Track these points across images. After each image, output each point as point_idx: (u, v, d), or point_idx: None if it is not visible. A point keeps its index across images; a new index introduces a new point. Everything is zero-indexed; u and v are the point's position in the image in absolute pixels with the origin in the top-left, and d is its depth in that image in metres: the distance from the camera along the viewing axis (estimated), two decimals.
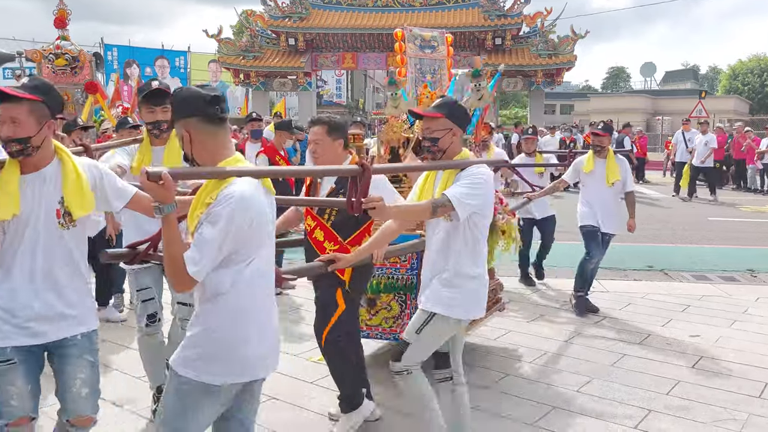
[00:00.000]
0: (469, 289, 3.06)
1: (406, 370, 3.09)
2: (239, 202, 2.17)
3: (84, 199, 2.55)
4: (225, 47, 27.23)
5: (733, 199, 16.05)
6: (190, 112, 2.26)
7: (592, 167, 6.03)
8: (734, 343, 5.22)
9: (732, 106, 44.57)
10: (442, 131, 3.04)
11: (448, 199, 2.90)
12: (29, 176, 2.48)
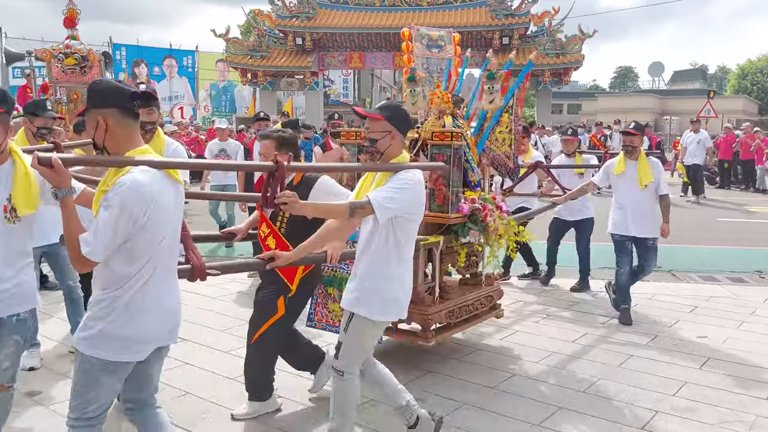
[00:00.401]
0: (384, 290, 3.09)
1: (342, 372, 3.16)
2: (131, 189, 2.30)
3: (30, 198, 2.72)
4: (233, 47, 27.30)
5: (741, 199, 15.98)
6: (111, 103, 2.41)
7: (623, 169, 5.76)
8: (742, 344, 5.20)
9: (741, 106, 44.35)
10: (381, 133, 3.11)
11: (368, 201, 2.94)
12: None
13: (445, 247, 4.56)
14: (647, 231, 5.76)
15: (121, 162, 2.39)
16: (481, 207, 4.57)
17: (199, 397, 4.06)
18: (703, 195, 15.59)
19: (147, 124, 3.84)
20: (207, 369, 4.52)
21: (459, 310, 4.68)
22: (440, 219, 4.45)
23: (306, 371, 4.14)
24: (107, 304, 2.44)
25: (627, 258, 5.84)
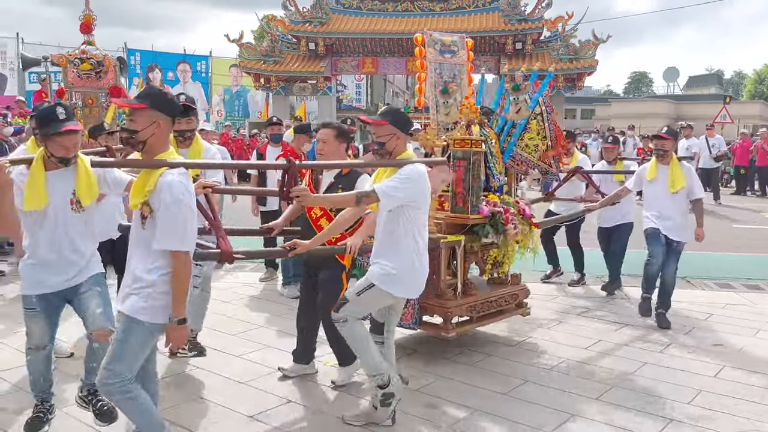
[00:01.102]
0: (404, 270, 3.53)
1: (343, 319, 3.59)
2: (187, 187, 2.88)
3: (91, 191, 3.37)
4: (246, 52, 27.44)
5: (757, 206, 15.80)
6: (170, 111, 2.92)
7: (655, 174, 5.77)
8: (758, 352, 5.13)
9: (757, 111, 43.90)
10: (388, 136, 3.59)
11: (374, 190, 3.38)
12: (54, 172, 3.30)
13: (469, 246, 4.84)
14: (679, 235, 5.80)
15: (156, 164, 2.85)
16: (502, 210, 4.81)
17: (211, 402, 4.06)
18: (719, 201, 15.47)
19: (186, 132, 4.49)
20: (218, 373, 4.53)
21: (481, 305, 4.96)
22: (460, 219, 4.77)
23: (337, 357, 4.42)
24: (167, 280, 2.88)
25: (660, 248, 5.76)
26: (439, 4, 27.91)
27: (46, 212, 3.30)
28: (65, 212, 3.34)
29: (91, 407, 3.60)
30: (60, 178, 3.31)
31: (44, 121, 3.23)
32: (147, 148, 2.90)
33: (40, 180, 3.26)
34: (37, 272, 3.40)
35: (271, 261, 7.45)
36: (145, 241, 2.92)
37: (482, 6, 27.67)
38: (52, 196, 3.28)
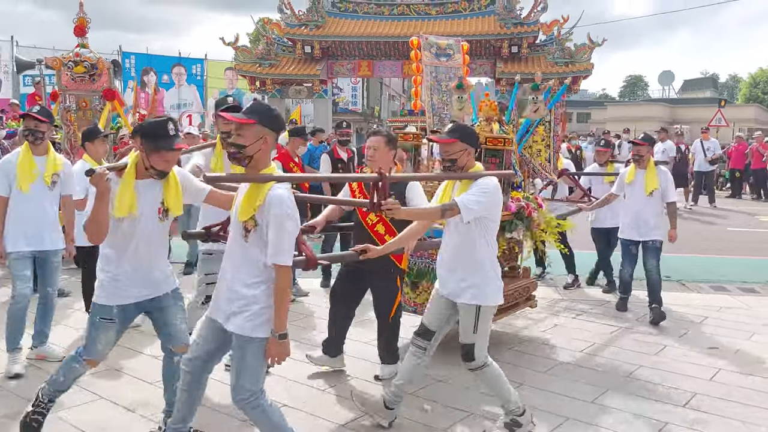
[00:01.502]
0: (490, 278, 3.60)
1: (482, 364, 3.62)
2: (291, 201, 2.90)
3: (178, 202, 3.38)
4: (241, 55, 27.41)
5: (752, 209, 15.84)
6: (277, 127, 2.98)
7: (633, 177, 6.16)
8: (753, 355, 5.12)
9: (752, 115, 44.10)
10: (459, 152, 3.61)
11: (456, 203, 3.45)
12: (143, 181, 3.27)
13: None
14: (651, 234, 6.12)
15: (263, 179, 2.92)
16: (525, 205, 5.08)
17: (204, 406, 4.02)
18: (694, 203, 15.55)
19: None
20: (212, 377, 4.46)
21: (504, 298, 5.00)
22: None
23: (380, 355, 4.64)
24: (270, 293, 2.91)
25: (630, 260, 6.29)
26: (435, 7, 27.95)
27: (134, 221, 3.26)
28: (153, 221, 3.32)
29: None
30: (149, 188, 3.28)
31: (154, 134, 3.21)
32: (253, 163, 2.93)
33: (131, 187, 3.24)
34: (120, 282, 3.33)
35: None
36: (245, 255, 2.94)
37: (478, 10, 27.72)
38: (142, 205, 3.26)
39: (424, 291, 5.05)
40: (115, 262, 3.33)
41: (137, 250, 3.32)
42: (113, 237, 3.28)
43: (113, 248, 3.32)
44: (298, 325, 5.80)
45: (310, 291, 6.94)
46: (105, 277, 3.35)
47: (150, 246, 3.35)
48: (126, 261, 3.32)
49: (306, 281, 7.28)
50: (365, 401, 4.11)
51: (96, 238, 3.24)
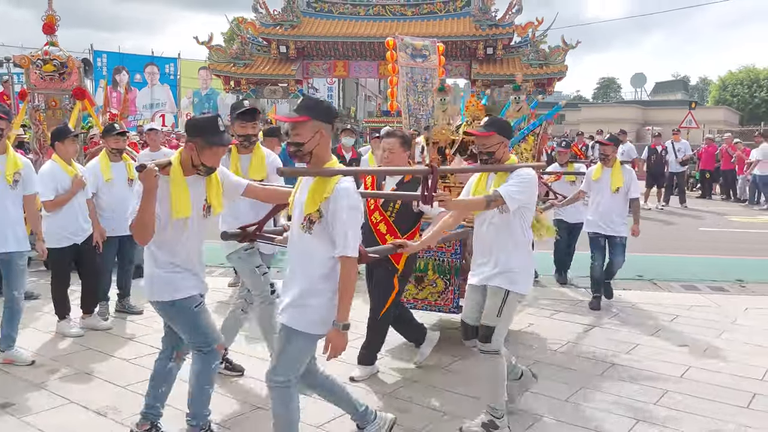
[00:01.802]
0: (525, 267, 3.75)
1: (496, 350, 3.65)
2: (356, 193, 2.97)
3: (220, 200, 3.41)
4: (215, 54, 27.17)
5: (722, 209, 16.13)
6: (330, 118, 3.01)
7: (599, 175, 6.52)
8: (723, 353, 5.21)
9: (722, 117, 44.93)
10: (496, 145, 3.72)
11: (500, 194, 3.58)
12: (189, 179, 3.28)
13: None
14: (617, 230, 6.49)
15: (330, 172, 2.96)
16: None
17: (176, 409, 3.97)
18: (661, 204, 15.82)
19: (251, 136, 4.41)
20: (182, 380, 4.43)
21: None
22: None
23: (412, 342, 4.92)
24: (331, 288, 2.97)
25: (600, 253, 6.60)
26: (411, 8, 28.01)
27: (186, 219, 3.28)
28: (198, 219, 3.35)
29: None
30: (194, 185, 3.29)
31: (205, 131, 3.22)
32: (314, 159, 2.97)
33: (185, 186, 3.24)
34: (185, 276, 3.37)
35: None
36: (307, 248, 3.00)
37: (453, 11, 27.85)
38: (192, 203, 3.28)
39: (428, 286, 5.16)
40: (166, 260, 3.33)
41: (185, 248, 3.35)
42: (162, 235, 3.25)
43: (162, 248, 3.31)
44: None
45: None
46: (164, 273, 3.34)
47: (196, 244, 3.41)
48: (178, 259, 3.34)
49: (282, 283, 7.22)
50: None
51: (143, 239, 3.19)
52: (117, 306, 6.12)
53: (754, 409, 4.11)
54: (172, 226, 3.26)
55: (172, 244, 3.32)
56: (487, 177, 3.85)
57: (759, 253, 9.97)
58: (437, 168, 3.39)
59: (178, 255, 3.34)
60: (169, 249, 3.32)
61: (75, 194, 5.40)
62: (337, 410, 3.80)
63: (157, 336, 5.30)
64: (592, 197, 6.62)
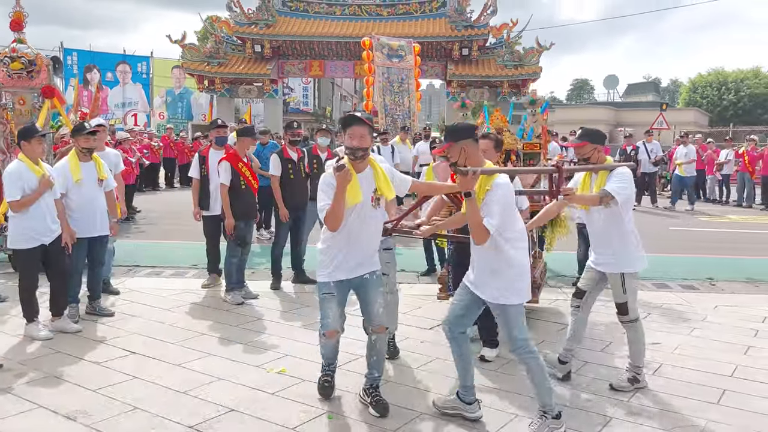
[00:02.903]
0: (631, 250, 4.45)
1: (636, 319, 4.52)
2: (509, 186, 3.72)
3: (390, 188, 3.98)
4: (189, 53, 26.91)
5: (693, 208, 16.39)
6: (466, 136, 3.75)
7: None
8: (693, 350, 5.29)
9: (692, 118, 45.68)
10: (590, 152, 4.46)
11: (608, 192, 4.23)
12: (359, 175, 3.87)
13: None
14: None
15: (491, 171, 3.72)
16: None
17: (148, 412, 3.91)
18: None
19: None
20: (156, 383, 4.37)
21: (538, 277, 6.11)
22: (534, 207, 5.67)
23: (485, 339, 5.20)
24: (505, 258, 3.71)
25: (585, 241, 6.96)
26: (387, 8, 28.05)
27: (355, 207, 3.83)
28: (367, 208, 3.90)
29: (369, 398, 4.01)
30: (365, 179, 3.88)
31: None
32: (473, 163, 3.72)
33: (355, 179, 3.78)
34: (339, 260, 3.93)
35: (215, 267, 7.29)
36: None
37: (429, 12, 27.94)
38: (364, 193, 3.87)
39: None
40: (335, 243, 3.93)
41: (359, 232, 3.92)
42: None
43: (336, 232, 3.86)
44: (247, 328, 5.70)
45: (260, 294, 6.84)
46: (327, 256, 3.97)
47: (366, 229, 3.96)
48: (344, 241, 3.91)
49: (256, 284, 7.17)
50: (315, 402, 4.07)
51: (337, 227, 3.80)
52: (87, 308, 6.01)
53: (724, 405, 4.18)
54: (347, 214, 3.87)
55: (341, 230, 3.89)
56: (590, 178, 4.55)
57: (728, 252, 10.16)
58: (563, 168, 4.10)
59: (346, 239, 3.95)
60: (340, 234, 3.91)
61: (42, 194, 5.28)
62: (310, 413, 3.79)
63: (129, 338, 5.26)
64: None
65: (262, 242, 10.11)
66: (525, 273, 3.76)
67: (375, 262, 4.06)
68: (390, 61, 7.72)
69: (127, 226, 11.61)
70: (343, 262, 3.92)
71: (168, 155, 19.98)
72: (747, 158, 17.08)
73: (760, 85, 55.26)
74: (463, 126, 3.86)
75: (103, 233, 5.94)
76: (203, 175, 7.07)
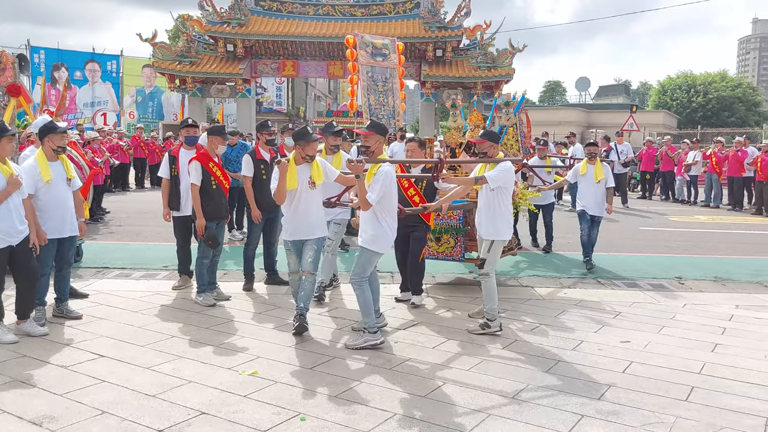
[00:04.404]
0: (505, 225, 5.72)
1: (487, 274, 5.66)
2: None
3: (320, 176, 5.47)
4: (160, 52, 26.57)
5: (662, 209, 16.68)
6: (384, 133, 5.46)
7: (585, 171, 8.66)
8: (663, 348, 5.36)
9: (661, 120, 46.49)
10: (488, 147, 5.77)
11: (484, 177, 5.55)
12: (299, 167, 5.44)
13: None
14: (598, 211, 8.64)
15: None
16: None
17: (117, 417, 3.84)
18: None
19: (337, 146, 6.74)
20: (124, 386, 4.29)
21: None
22: None
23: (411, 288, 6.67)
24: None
25: (587, 223, 8.64)
26: (361, 9, 28.02)
27: (295, 192, 5.42)
28: (306, 190, 5.44)
29: (294, 322, 5.42)
30: (304, 170, 5.43)
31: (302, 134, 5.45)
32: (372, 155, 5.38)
33: (294, 170, 5.38)
34: (290, 227, 5.55)
35: (186, 268, 7.20)
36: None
37: (403, 12, 27.98)
38: (300, 180, 5.38)
39: (445, 243, 7.31)
40: (288, 217, 5.56)
41: (299, 208, 5.49)
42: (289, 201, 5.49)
43: (288, 208, 5.52)
44: (218, 330, 5.64)
45: (232, 295, 6.77)
46: (284, 224, 5.64)
47: (307, 205, 5.50)
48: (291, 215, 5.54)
49: (228, 285, 7.09)
50: (288, 403, 4.03)
51: (281, 201, 5.47)
52: (54, 311, 5.88)
53: (692, 402, 4.24)
54: (290, 196, 5.44)
55: (291, 207, 5.52)
56: (485, 166, 5.74)
57: (696, 251, 10.34)
58: (444, 159, 6.02)
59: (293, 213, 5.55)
60: (290, 210, 5.54)
61: (10, 194, 5.16)
62: (281, 415, 3.75)
63: (97, 341, 5.17)
64: (580, 188, 8.80)
65: (234, 243, 10.02)
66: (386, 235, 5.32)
67: (316, 230, 5.58)
68: (374, 59, 7.66)
69: (95, 227, 11.41)
70: (291, 228, 5.56)
71: (138, 155, 19.71)
72: (714, 160, 17.41)
73: (727, 88, 56.47)
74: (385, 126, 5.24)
75: (72, 234, 5.83)
76: (173, 175, 6.97)
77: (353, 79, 6.08)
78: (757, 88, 69.18)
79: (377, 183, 5.11)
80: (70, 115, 26.13)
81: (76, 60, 30.89)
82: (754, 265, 9.08)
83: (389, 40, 6.07)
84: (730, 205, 17.13)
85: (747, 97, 57.38)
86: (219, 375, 4.53)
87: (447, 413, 3.99)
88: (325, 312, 6.17)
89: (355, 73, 5.89)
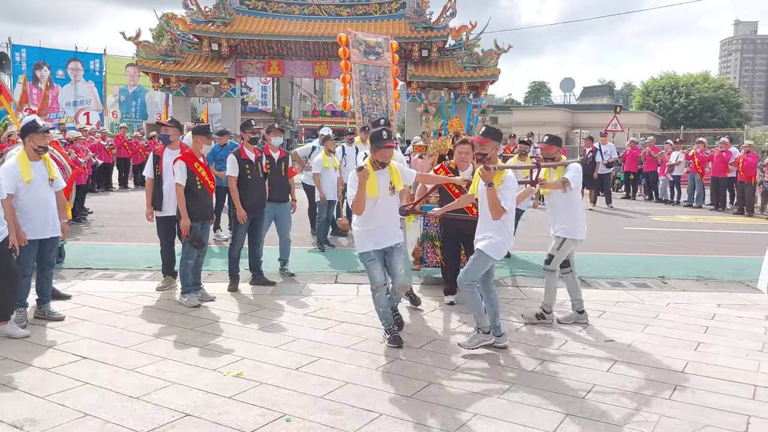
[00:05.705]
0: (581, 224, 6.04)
1: (552, 270, 5.95)
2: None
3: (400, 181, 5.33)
4: (143, 50, 26.34)
5: (645, 209, 16.82)
6: (500, 139, 5.47)
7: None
8: (646, 347, 5.40)
9: (645, 121, 46.92)
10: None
11: (568, 180, 5.78)
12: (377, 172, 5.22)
13: None
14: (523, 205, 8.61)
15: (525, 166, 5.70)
16: None
17: (100, 419, 3.80)
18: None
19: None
20: (108, 388, 4.25)
21: None
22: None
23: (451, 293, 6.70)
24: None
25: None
26: (346, 9, 27.97)
27: (376, 198, 5.17)
28: (386, 195, 5.23)
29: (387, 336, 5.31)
30: (381, 175, 5.21)
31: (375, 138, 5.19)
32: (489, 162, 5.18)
33: (373, 176, 5.13)
34: (374, 237, 5.23)
35: (170, 269, 7.14)
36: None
37: (389, 12, 27.97)
38: (381, 187, 5.19)
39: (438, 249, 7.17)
40: (366, 223, 5.23)
41: (379, 214, 5.23)
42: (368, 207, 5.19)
43: (365, 215, 5.20)
44: (203, 331, 5.60)
45: (217, 296, 6.72)
46: (360, 232, 5.28)
47: (388, 210, 5.32)
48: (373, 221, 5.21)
49: (213, 286, 7.05)
50: (274, 404, 4.01)
51: (360, 212, 5.20)
52: (36, 312, 5.81)
53: (676, 400, 4.28)
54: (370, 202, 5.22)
55: (369, 213, 5.22)
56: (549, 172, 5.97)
57: (679, 251, 10.44)
58: (540, 164, 5.80)
59: (373, 219, 5.24)
60: (367, 215, 5.21)
61: None
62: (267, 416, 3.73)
63: (80, 343, 5.11)
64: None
65: (220, 243, 9.96)
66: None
67: (396, 236, 5.36)
68: (367, 58, 7.65)
69: (78, 227, 11.29)
70: (376, 237, 5.23)
71: (122, 155, 19.54)
72: (697, 160, 17.59)
73: (709, 89, 57.10)
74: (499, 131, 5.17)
75: (54, 234, 5.76)
76: (157, 174, 6.92)
77: (346, 77, 6.05)
78: (738, 89, 70.04)
79: (508, 190, 5.02)
80: (52, 114, 25.86)
81: (58, 58, 30.56)
82: (735, 264, 9.18)
83: (383, 38, 6.06)
84: (713, 205, 17.32)
85: (729, 99, 58.07)
86: (204, 376, 4.50)
87: (433, 413, 3.99)
88: (311, 312, 6.15)
89: (347, 71, 5.88)
